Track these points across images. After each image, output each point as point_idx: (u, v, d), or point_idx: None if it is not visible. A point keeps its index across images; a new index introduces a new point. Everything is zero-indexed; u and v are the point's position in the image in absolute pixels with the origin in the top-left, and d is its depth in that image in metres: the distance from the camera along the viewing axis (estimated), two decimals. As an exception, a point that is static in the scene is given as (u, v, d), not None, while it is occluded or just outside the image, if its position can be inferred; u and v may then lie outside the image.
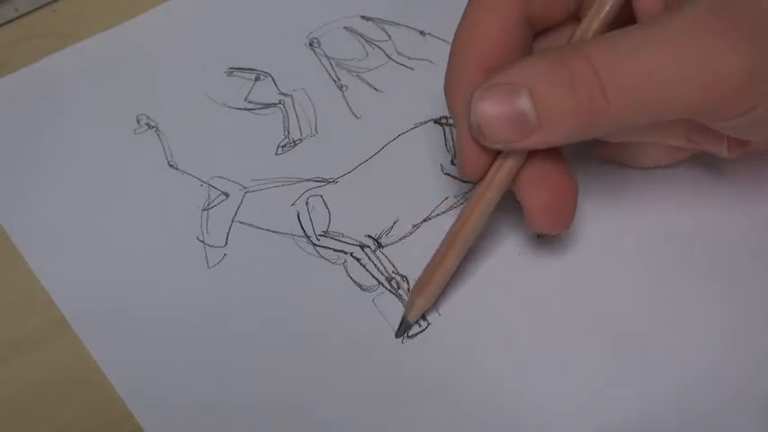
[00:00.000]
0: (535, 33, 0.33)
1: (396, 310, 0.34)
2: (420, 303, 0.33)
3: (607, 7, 0.30)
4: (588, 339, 0.33)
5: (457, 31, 0.32)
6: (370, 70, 0.42)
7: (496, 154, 0.31)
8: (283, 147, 0.39)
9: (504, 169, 0.31)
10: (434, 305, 0.34)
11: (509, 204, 0.33)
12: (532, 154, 0.31)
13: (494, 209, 0.32)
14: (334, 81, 0.41)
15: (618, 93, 0.28)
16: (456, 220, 0.33)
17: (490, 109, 0.29)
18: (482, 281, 0.35)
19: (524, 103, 0.29)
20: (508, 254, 0.35)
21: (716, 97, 0.28)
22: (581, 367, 0.33)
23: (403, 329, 0.34)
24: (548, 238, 0.35)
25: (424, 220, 0.37)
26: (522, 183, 0.32)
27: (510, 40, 0.32)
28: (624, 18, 0.31)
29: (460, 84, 0.32)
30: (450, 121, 0.39)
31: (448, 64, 0.33)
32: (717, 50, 0.27)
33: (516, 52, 0.32)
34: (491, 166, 0.32)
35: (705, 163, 0.37)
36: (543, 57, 0.29)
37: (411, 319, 0.34)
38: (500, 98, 0.29)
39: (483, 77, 0.30)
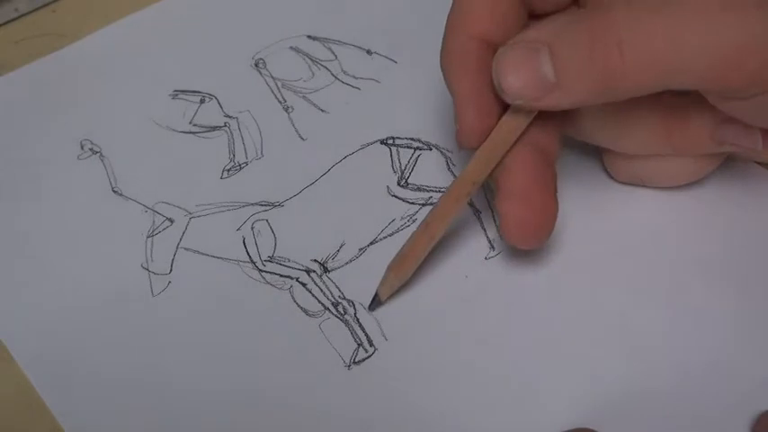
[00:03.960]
0: (533, 16, 0.34)
1: (342, 336, 0.34)
2: (392, 279, 0.34)
3: None
4: (534, 366, 0.33)
5: (453, 3, 0.33)
6: (316, 91, 0.41)
7: (493, 122, 0.32)
8: (229, 170, 0.39)
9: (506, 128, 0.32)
10: (381, 329, 0.34)
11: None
12: (522, 164, 0.32)
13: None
14: (280, 102, 0.41)
15: (635, 53, 0.28)
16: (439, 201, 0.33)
17: (512, 66, 0.30)
18: (428, 306, 0.34)
19: (544, 60, 0.29)
20: (455, 277, 0.35)
21: (742, 68, 0.28)
22: (531, 393, 0.33)
23: (374, 305, 0.34)
24: (494, 262, 0.35)
25: (371, 244, 0.36)
26: (504, 194, 0.32)
27: (505, 14, 0.33)
28: None
29: (456, 52, 0.33)
30: (397, 141, 0.39)
31: (444, 34, 0.33)
32: (749, 18, 0.27)
33: (512, 25, 0.33)
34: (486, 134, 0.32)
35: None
36: (564, 15, 0.30)
37: (383, 295, 0.34)
38: (521, 55, 0.30)
39: (478, 46, 0.32)
